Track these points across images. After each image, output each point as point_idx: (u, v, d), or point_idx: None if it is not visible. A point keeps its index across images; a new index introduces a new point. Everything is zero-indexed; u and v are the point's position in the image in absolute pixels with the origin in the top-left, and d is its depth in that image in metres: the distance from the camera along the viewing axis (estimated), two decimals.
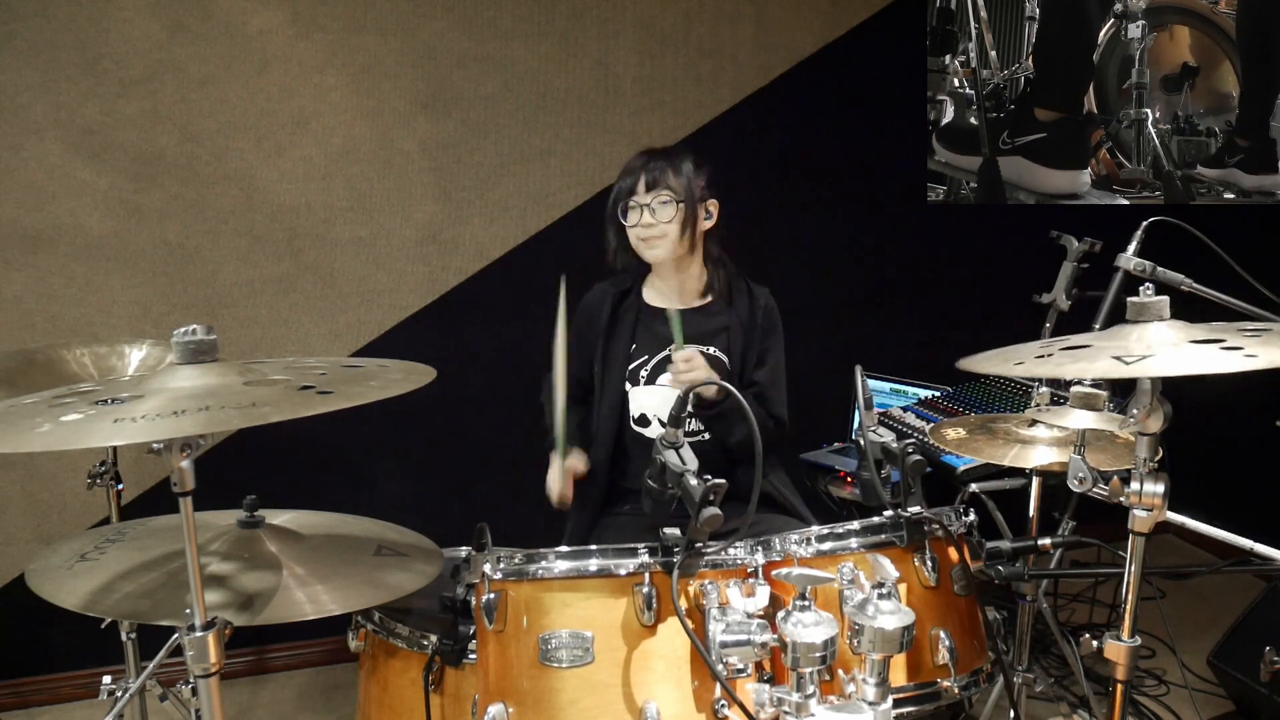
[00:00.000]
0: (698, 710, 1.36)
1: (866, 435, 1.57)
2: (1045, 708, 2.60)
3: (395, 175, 2.83)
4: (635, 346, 2.15)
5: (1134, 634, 1.37)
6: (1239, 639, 2.49)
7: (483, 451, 3.04)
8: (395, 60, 2.78)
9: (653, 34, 2.98)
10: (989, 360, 1.45)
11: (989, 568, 1.69)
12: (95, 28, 2.54)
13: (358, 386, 1.25)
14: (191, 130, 2.65)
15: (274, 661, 2.98)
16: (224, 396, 1.16)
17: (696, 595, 1.38)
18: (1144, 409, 1.30)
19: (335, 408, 1.16)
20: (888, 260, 3.40)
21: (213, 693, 1.25)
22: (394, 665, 1.70)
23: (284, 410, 1.12)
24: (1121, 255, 2.07)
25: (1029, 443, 1.97)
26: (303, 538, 1.51)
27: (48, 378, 2.02)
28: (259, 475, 2.32)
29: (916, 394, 2.89)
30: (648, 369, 2.13)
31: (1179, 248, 2.04)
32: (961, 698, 1.49)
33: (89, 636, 2.36)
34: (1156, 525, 1.34)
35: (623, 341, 2.15)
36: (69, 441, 1.07)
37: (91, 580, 1.36)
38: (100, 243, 2.63)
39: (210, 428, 1.09)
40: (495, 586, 1.43)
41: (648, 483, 1.46)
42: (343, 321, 2.87)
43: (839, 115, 3.23)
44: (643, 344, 2.15)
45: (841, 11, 3.18)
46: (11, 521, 2.70)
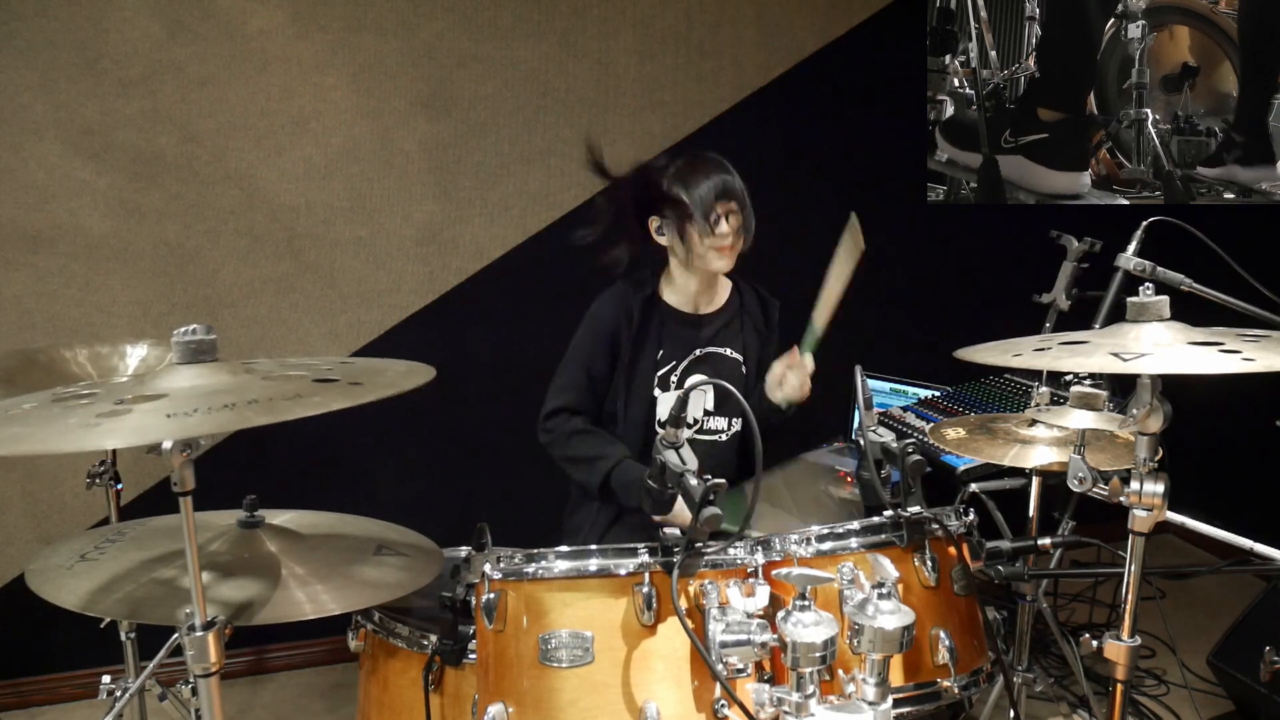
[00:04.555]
0: (698, 710, 1.36)
1: (866, 435, 1.57)
2: (1045, 708, 2.60)
3: (395, 175, 2.83)
4: (662, 353, 2.14)
5: (1134, 634, 1.37)
6: (1239, 639, 2.49)
7: (483, 451, 3.04)
8: (395, 60, 2.78)
9: (653, 34, 2.98)
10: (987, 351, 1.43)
11: (989, 568, 1.69)
12: (95, 28, 2.54)
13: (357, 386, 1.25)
14: (191, 130, 2.65)
15: (274, 661, 2.98)
16: (224, 396, 1.16)
17: (696, 595, 1.38)
18: (1144, 409, 1.30)
19: (335, 408, 1.16)
20: (888, 260, 3.40)
21: (213, 693, 1.24)
22: (394, 665, 1.70)
23: (284, 410, 1.12)
24: (1121, 255, 2.07)
25: (1029, 443, 1.97)
26: (303, 538, 1.50)
27: (48, 378, 2.02)
28: (259, 475, 2.32)
29: (916, 394, 2.89)
30: (677, 374, 2.14)
31: (1179, 248, 2.04)
32: (961, 698, 1.49)
33: (89, 636, 2.36)
34: (1156, 525, 1.34)
35: (650, 346, 2.14)
36: (69, 443, 1.07)
37: (91, 580, 1.36)
38: (100, 243, 2.63)
39: (211, 428, 1.09)
40: (495, 586, 1.43)
41: (647, 483, 1.46)
42: (342, 321, 2.87)
43: (839, 115, 3.23)
44: (669, 349, 2.15)
45: (841, 11, 3.18)
46: (11, 521, 2.70)
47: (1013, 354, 1.36)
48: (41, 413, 1.17)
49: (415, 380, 1.32)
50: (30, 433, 1.10)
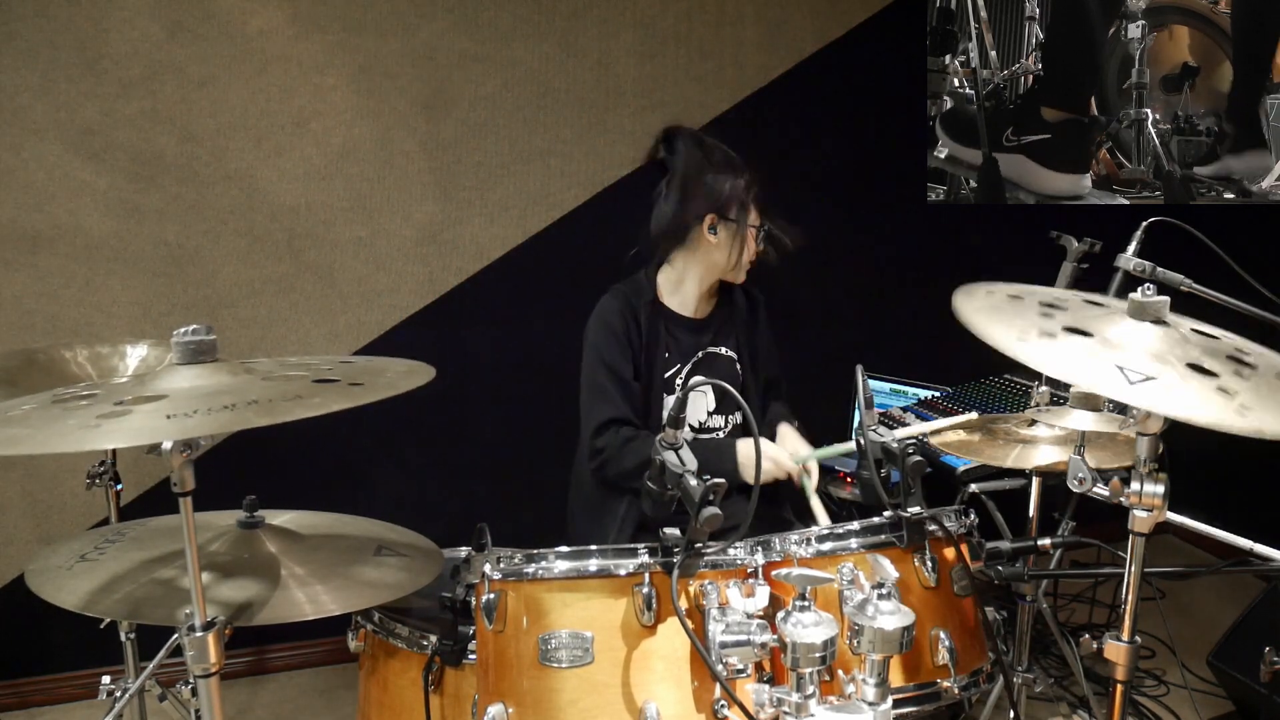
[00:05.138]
0: (697, 710, 1.36)
1: (866, 435, 1.57)
2: (1045, 708, 2.60)
3: (395, 175, 2.83)
4: (668, 355, 2.15)
5: (1134, 634, 1.37)
6: (1239, 639, 2.49)
7: (483, 451, 3.04)
8: (395, 60, 2.78)
9: (653, 34, 2.98)
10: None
11: (989, 568, 1.69)
12: (95, 28, 2.54)
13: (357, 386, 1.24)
14: (191, 130, 2.65)
15: (274, 661, 2.98)
16: (224, 397, 1.16)
17: (696, 595, 1.38)
18: (1144, 409, 1.30)
19: (335, 408, 1.16)
20: (888, 260, 3.40)
21: (212, 693, 1.25)
22: (394, 665, 1.70)
23: (284, 411, 1.12)
24: (1121, 255, 2.06)
25: (1029, 443, 1.97)
26: (302, 538, 1.50)
27: (48, 378, 2.02)
28: (259, 475, 2.32)
29: (916, 394, 2.89)
30: (681, 376, 2.15)
31: (1179, 248, 2.03)
32: (961, 698, 1.49)
33: (89, 637, 2.36)
34: (1156, 525, 1.34)
35: (657, 351, 2.15)
36: (69, 444, 1.07)
37: (91, 580, 1.36)
38: (100, 243, 2.63)
39: (211, 429, 1.09)
40: (495, 586, 1.43)
41: (647, 484, 1.46)
42: (342, 322, 2.87)
43: (839, 115, 3.22)
44: (675, 353, 2.16)
45: (841, 11, 3.18)
46: (11, 522, 2.70)
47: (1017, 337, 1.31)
48: (41, 413, 1.17)
49: (415, 380, 1.32)
50: (30, 433, 1.10)
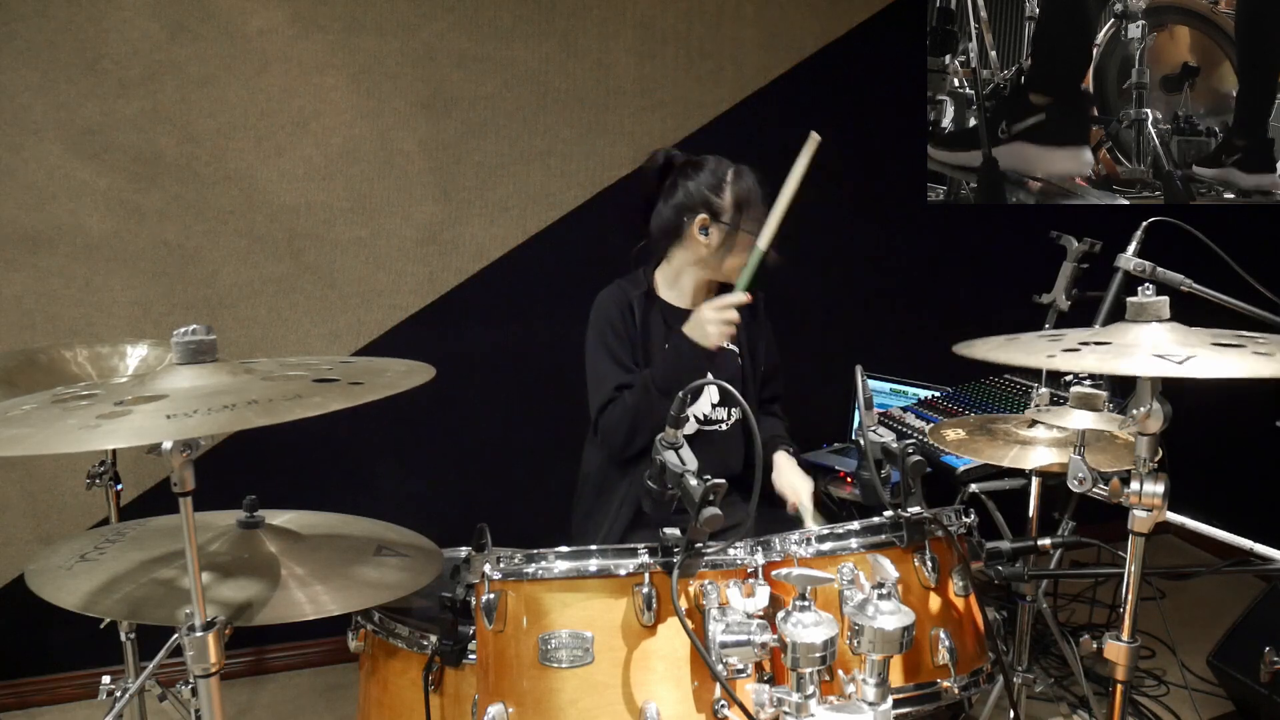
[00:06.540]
0: (698, 710, 1.36)
1: (866, 435, 1.57)
2: (1045, 708, 2.60)
3: (395, 175, 2.83)
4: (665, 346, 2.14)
5: (1134, 634, 1.37)
6: (1239, 639, 2.49)
7: (483, 451, 3.04)
8: (395, 60, 2.78)
9: (652, 34, 2.98)
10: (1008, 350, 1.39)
11: (989, 568, 1.69)
12: (95, 28, 2.54)
13: (357, 386, 1.24)
14: (191, 130, 2.65)
15: (274, 661, 2.98)
16: (224, 397, 1.16)
17: (696, 595, 1.38)
18: (1143, 409, 1.30)
19: (335, 408, 1.16)
20: (888, 260, 3.40)
21: (213, 693, 1.24)
22: (394, 665, 1.70)
23: (284, 411, 1.12)
24: (1121, 255, 2.07)
25: (1029, 443, 1.97)
26: (302, 538, 1.50)
27: (48, 378, 2.02)
28: (259, 475, 2.32)
29: (916, 394, 2.89)
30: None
31: (1179, 248, 2.03)
32: (961, 698, 1.49)
33: (88, 637, 2.36)
34: (1156, 525, 1.34)
35: (656, 345, 2.15)
36: (69, 444, 1.07)
37: (91, 580, 1.36)
38: (100, 243, 2.63)
39: (211, 429, 1.09)
40: (495, 587, 1.42)
41: (647, 483, 1.46)
42: (342, 322, 2.87)
43: (839, 115, 3.22)
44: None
45: (841, 11, 3.18)
46: (11, 521, 2.70)
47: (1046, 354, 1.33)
48: (42, 413, 1.17)
49: (415, 380, 1.32)
50: (30, 433, 1.10)
